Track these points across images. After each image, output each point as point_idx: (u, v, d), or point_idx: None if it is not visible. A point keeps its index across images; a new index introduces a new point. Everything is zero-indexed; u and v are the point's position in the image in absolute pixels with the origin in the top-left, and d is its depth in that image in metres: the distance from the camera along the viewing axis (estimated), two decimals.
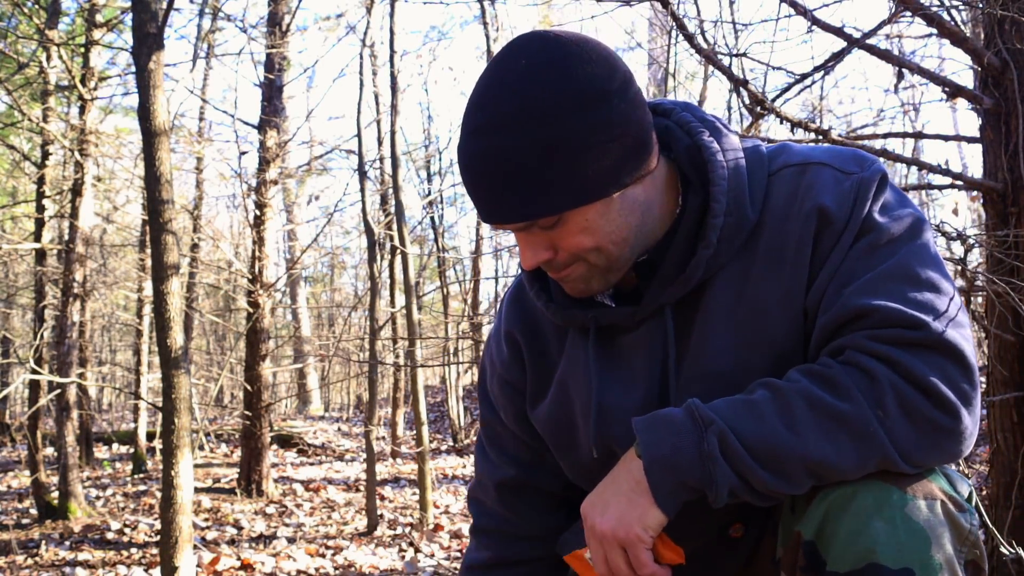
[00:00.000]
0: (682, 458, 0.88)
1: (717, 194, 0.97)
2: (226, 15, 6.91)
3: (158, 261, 2.91)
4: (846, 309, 0.90)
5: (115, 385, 11.73)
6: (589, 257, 0.96)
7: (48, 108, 5.66)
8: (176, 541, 2.83)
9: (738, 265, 0.98)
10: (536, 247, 0.96)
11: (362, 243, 12.62)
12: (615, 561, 0.93)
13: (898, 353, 0.86)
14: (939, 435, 0.85)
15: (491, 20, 6.35)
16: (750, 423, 0.87)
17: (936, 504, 0.84)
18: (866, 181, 0.95)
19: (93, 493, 6.06)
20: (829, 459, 0.85)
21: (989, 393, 2.38)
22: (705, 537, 1.06)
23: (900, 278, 0.90)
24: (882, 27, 2.42)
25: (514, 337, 1.16)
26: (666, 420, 0.91)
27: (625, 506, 0.91)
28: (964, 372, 0.87)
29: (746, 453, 0.86)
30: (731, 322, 0.98)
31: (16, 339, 10.01)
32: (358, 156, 5.45)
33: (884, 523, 0.82)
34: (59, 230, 7.02)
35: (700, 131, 1.02)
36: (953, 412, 0.85)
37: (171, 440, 2.86)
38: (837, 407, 0.86)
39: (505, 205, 0.92)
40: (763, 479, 0.86)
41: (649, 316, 1.02)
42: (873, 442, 0.85)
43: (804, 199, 0.96)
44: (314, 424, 9.84)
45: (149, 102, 2.89)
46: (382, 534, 4.81)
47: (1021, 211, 2.28)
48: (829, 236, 0.94)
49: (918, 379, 0.85)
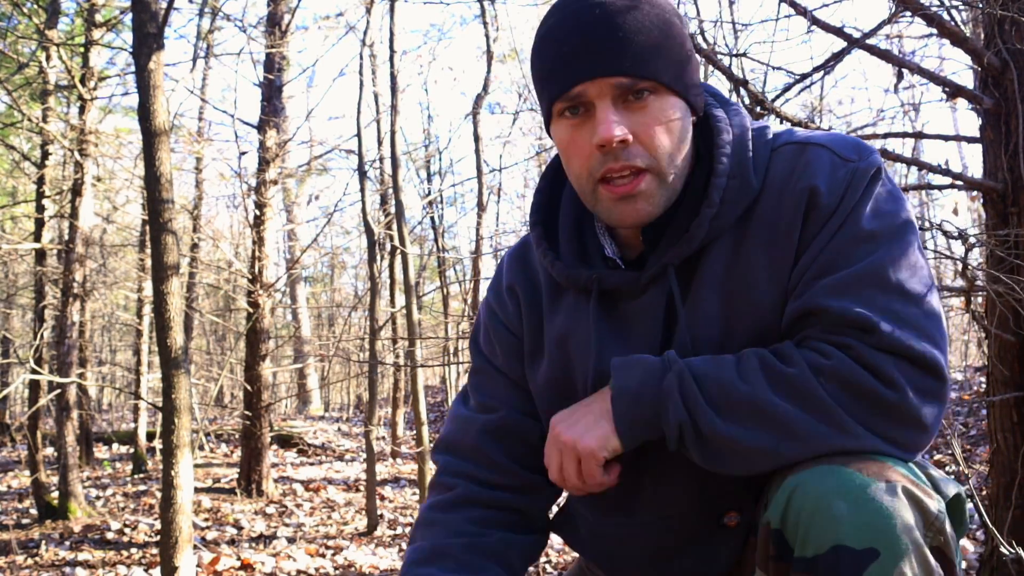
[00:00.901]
0: (644, 392, 0.95)
1: (720, 155, 1.00)
2: (226, 15, 6.91)
3: (158, 261, 2.91)
4: (811, 304, 0.94)
5: (115, 385, 11.73)
6: (662, 163, 0.97)
7: (48, 108, 5.66)
8: (176, 541, 2.83)
9: (733, 236, 1.01)
10: (620, 122, 0.96)
11: (362, 243, 12.64)
12: (568, 467, 1.01)
13: (852, 342, 0.90)
14: (883, 409, 0.88)
15: (491, 20, 6.36)
16: (710, 370, 0.94)
17: (898, 487, 0.84)
18: (861, 171, 0.97)
19: (93, 493, 6.06)
20: (775, 406, 0.90)
21: (989, 393, 2.38)
22: (700, 525, 1.07)
23: (870, 281, 0.92)
24: (882, 27, 2.42)
25: (515, 291, 1.18)
26: (640, 361, 0.98)
27: (590, 425, 0.99)
28: (918, 368, 0.89)
29: (699, 393, 0.92)
30: (722, 292, 1.01)
31: (16, 339, 10.01)
32: (358, 156, 5.45)
33: (847, 504, 0.82)
34: (59, 230, 7.02)
35: (712, 105, 1.06)
36: (898, 388, 0.87)
37: (171, 440, 2.86)
38: (780, 367, 0.92)
39: (623, 54, 0.94)
40: (712, 420, 0.91)
41: (652, 281, 1.04)
42: (814, 400, 0.89)
43: (800, 177, 0.98)
44: (314, 424, 9.84)
45: (149, 102, 2.89)
46: (382, 534, 4.81)
47: (1021, 211, 2.28)
48: (816, 219, 0.96)
49: (867, 360, 0.89)
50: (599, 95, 0.95)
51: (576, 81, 0.95)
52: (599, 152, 0.97)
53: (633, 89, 0.95)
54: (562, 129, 1.00)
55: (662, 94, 0.97)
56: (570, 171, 1.03)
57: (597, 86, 0.95)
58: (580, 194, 1.04)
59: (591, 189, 1.00)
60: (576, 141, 0.99)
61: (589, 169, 0.98)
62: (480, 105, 7.81)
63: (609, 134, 0.94)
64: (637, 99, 0.96)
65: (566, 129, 1.00)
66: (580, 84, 0.95)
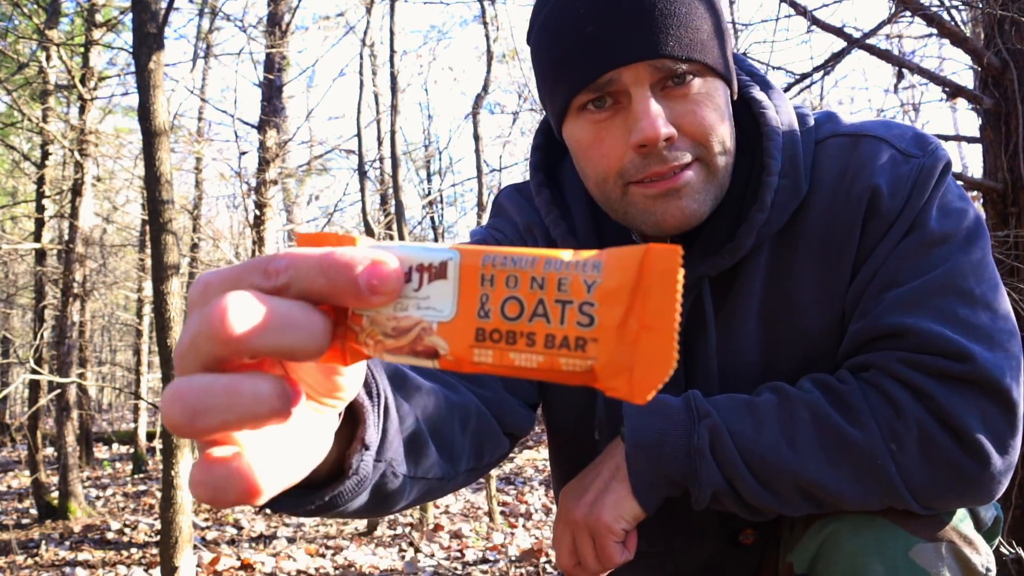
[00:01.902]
0: (667, 448, 0.79)
1: (772, 149, 0.84)
2: (226, 15, 6.90)
3: (158, 261, 2.91)
4: (882, 324, 0.79)
5: (115, 385, 11.73)
6: (712, 152, 0.80)
7: (48, 108, 5.66)
8: (176, 541, 2.83)
9: (774, 247, 0.86)
10: (663, 116, 0.78)
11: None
12: (583, 549, 0.83)
13: (932, 385, 0.75)
14: (961, 482, 0.75)
15: (491, 20, 6.35)
16: (748, 426, 0.78)
17: (943, 547, 0.76)
18: (928, 168, 0.82)
19: (93, 493, 6.06)
20: (826, 485, 0.76)
21: None
22: (717, 542, 0.99)
23: (950, 292, 0.77)
24: (882, 27, 2.42)
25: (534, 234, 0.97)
26: (658, 406, 0.81)
27: (601, 492, 0.83)
28: (1007, 414, 0.75)
29: (737, 455, 0.77)
30: (762, 315, 0.86)
31: (16, 339, 10.01)
32: (358, 156, 5.45)
33: (884, 567, 0.74)
34: (59, 230, 7.02)
35: (749, 85, 0.89)
36: (983, 459, 0.74)
37: (171, 440, 2.86)
38: (845, 431, 0.76)
39: (665, 32, 0.76)
40: (751, 488, 0.77)
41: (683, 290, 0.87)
42: (879, 477, 0.75)
43: (855, 178, 0.83)
44: None
45: (149, 102, 2.89)
46: (382, 534, 4.81)
47: (1021, 211, 2.28)
48: (878, 226, 0.81)
49: (951, 419, 0.74)
50: (636, 82, 0.78)
51: (607, 67, 0.77)
52: (637, 153, 0.79)
53: (675, 73, 0.78)
54: (582, 126, 0.82)
55: (706, 75, 0.80)
56: (587, 174, 0.84)
57: (633, 72, 0.77)
58: (600, 200, 0.85)
59: (619, 194, 0.82)
60: (603, 140, 0.81)
61: (619, 171, 0.81)
62: (480, 105, 7.80)
63: (655, 132, 0.76)
64: (678, 84, 0.79)
65: (588, 126, 0.81)
66: (612, 70, 0.77)
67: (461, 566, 3.93)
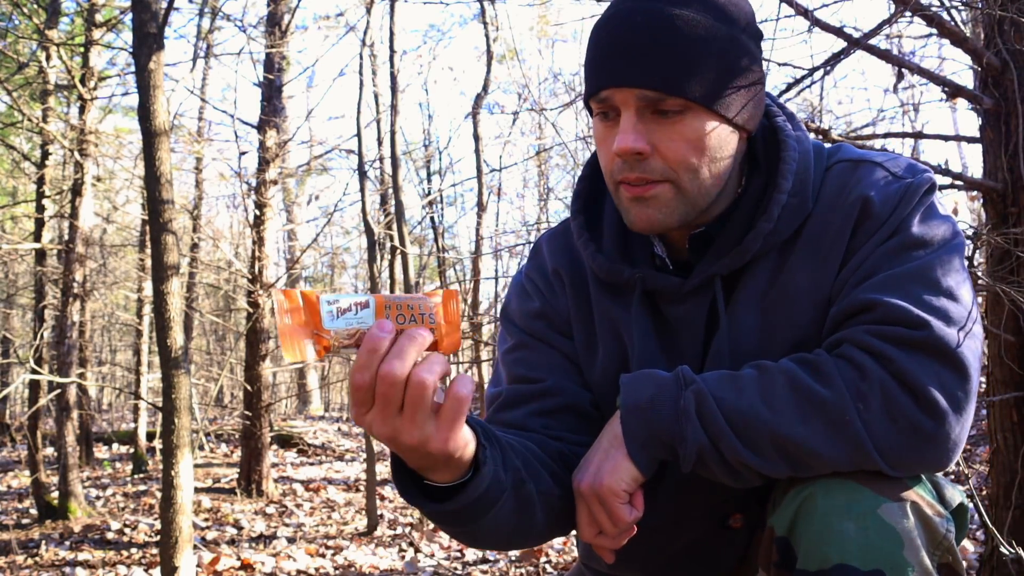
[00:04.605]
0: (657, 410, 0.89)
1: (786, 171, 0.98)
2: (226, 15, 6.91)
3: (158, 261, 2.91)
4: (854, 301, 0.91)
5: (115, 385, 11.73)
6: (683, 178, 0.94)
7: (48, 108, 5.66)
8: (176, 541, 2.83)
9: (779, 253, 0.99)
10: (640, 134, 0.93)
11: (362, 243, 12.62)
12: (599, 517, 0.93)
13: (892, 351, 0.85)
14: (920, 439, 0.84)
15: (491, 20, 6.35)
16: (730, 391, 0.88)
17: (907, 505, 0.83)
18: (915, 186, 0.95)
19: (93, 493, 6.06)
20: (800, 439, 0.85)
21: (989, 393, 2.37)
22: (705, 527, 1.06)
23: (917, 280, 0.89)
24: (882, 27, 2.42)
25: (560, 276, 1.12)
26: (650, 375, 0.93)
27: (601, 460, 0.93)
28: (960, 379, 0.85)
29: (720, 416, 0.87)
30: (760, 305, 0.99)
31: (16, 339, 10.01)
32: (358, 156, 5.45)
33: (855, 523, 0.82)
34: (59, 230, 7.02)
35: (777, 114, 1.04)
36: (939, 416, 0.83)
37: (171, 440, 2.86)
38: (815, 390, 0.86)
39: (656, 66, 0.91)
40: (733, 446, 0.87)
41: (694, 291, 1.01)
42: (848, 433, 0.84)
43: (851, 191, 0.97)
44: (314, 424, 9.84)
45: (149, 102, 2.89)
46: (382, 534, 4.81)
47: (1021, 211, 2.27)
48: (866, 230, 0.95)
49: (909, 379, 0.84)
50: (624, 102, 0.93)
51: (603, 85, 0.94)
52: (618, 158, 0.95)
53: (659, 104, 0.92)
54: (596, 128, 1.00)
55: (695, 111, 0.93)
56: (602, 166, 1.02)
57: (622, 94, 0.93)
58: (611, 193, 1.02)
59: (614, 189, 1.00)
60: (605, 141, 0.98)
61: (611, 171, 0.98)
62: (480, 105, 7.80)
63: (625, 145, 0.92)
64: (663, 114, 0.93)
65: (599, 129, 0.99)
66: (607, 89, 0.94)
67: (461, 566, 3.93)
